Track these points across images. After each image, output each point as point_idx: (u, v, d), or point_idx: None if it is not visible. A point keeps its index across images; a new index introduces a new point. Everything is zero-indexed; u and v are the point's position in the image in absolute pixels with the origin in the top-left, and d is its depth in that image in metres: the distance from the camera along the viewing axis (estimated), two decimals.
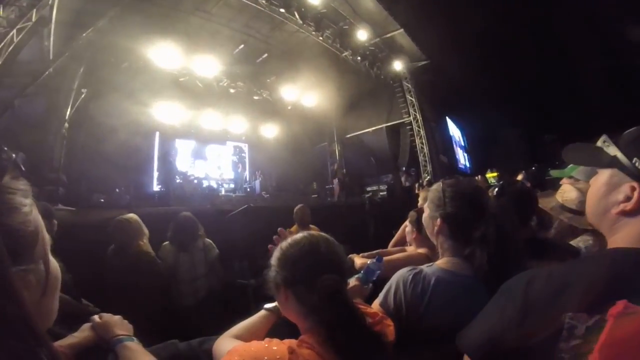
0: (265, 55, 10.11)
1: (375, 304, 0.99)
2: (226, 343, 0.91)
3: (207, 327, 1.28)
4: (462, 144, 16.28)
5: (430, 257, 1.63)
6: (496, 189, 1.52)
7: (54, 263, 0.45)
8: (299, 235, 0.88)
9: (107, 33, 6.87)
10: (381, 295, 0.99)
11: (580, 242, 1.43)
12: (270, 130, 12.68)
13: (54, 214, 2.08)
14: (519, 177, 2.79)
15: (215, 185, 10.07)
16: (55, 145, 6.62)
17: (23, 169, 0.41)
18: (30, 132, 6.30)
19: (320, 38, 9.22)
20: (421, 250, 1.78)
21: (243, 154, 12.22)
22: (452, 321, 0.85)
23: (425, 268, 0.97)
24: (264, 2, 7.73)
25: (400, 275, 0.97)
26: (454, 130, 15.70)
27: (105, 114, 8.15)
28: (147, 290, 2.14)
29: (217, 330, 1.13)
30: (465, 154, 16.46)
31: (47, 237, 0.44)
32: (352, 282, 1.48)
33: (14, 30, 4.88)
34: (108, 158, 7.93)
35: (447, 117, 14.97)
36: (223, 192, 9.96)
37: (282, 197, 9.85)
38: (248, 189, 10.61)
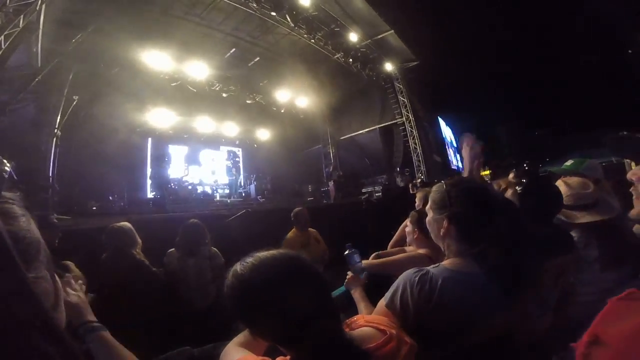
0: (257, 59, 10.12)
1: (381, 305, 0.99)
2: (231, 353, 0.90)
3: (218, 332, 1.29)
4: (454, 144, 16.41)
5: (432, 258, 1.65)
6: (519, 187, 1.52)
7: (54, 278, 0.44)
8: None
9: (96, 39, 6.80)
10: (387, 296, 0.98)
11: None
12: (264, 134, 12.66)
13: (57, 225, 2.06)
14: (510, 177, 2.82)
15: (210, 191, 10.00)
16: (47, 152, 6.53)
17: (16, 178, 0.40)
18: (22, 139, 6.19)
19: (312, 41, 9.25)
20: (422, 251, 1.80)
21: (237, 159, 12.16)
22: (461, 321, 0.88)
23: (432, 269, 0.96)
24: (254, 5, 7.73)
25: (406, 276, 0.96)
26: (446, 130, 15.86)
27: (97, 120, 8.07)
28: (143, 297, 2.13)
29: (227, 335, 1.14)
30: (458, 154, 16.59)
31: (47, 250, 0.43)
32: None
33: (2, 37, 4.80)
34: (100, 165, 7.82)
35: (439, 117, 15.12)
36: (218, 198, 9.90)
37: (277, 200, 9.84)
38: (243, 194, 10.57)
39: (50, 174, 6.33)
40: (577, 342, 0.46)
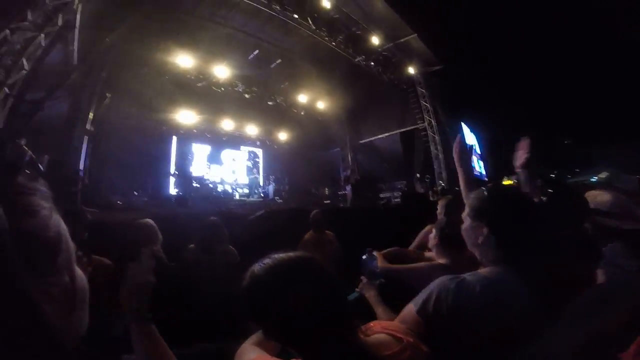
0: (279, 61, 10.25)
1: (410, 311, 0.96)
2: (246, 353, 0.90)
3: (230, 330, 1.30)
4: (477, 150, 15.99)
5: (451, 268, 1.61)
6: (545, 196, 1.48)
7: (80, 276, 0.41)
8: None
9: (127, 39, 7.13)
10: (418, 301, 0.95)
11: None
12: (284, 136, 12.80)
13: (87, 217, 2.15)
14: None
15: (229, 190, 10.20)
16: (79, 147, 6.87)
17: (42, 169, 0.38)
18: (55, 133, 6.53)
19: (333, 43, 9.27)
20: (441, 261, 1.77)
21: (257, 159, 12.36)
22: (498, 328, 0.86)
23: (468, 276, 0.95)
24: (277, 7, 7.84)
25: (441, 283, 0.95)
26: (469, 137, 15.41)
27: (125, 118, 8.45)
28: (159, 293, 2.18)
29: (240, 333, 1.14)
30: (480, 161, 16.16)
31: (71, 246, 0.40)
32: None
33: (42, 35, 5.03)
34: (127, 161, 8.18)
35: (462, 123, 14.73)
36: (237, 197, 10.08)
37: (294, 201, 9.90)
38: (262, 194, 10.70)
39: (80, 168, 6.65)
40: (625, 352, 0.44)
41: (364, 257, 1.71)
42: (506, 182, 9.64)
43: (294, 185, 11.37)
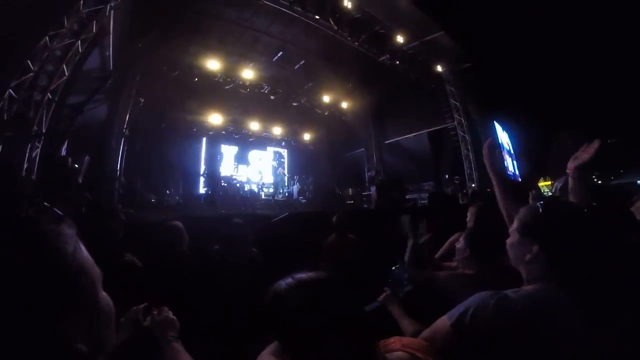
0: (303, 62, 10.30)
1: (444, 324, 0.93)
2: None
3: (253, 334, 1.30)
4: (510, 150, 15.26)
5: (478, 281, 1.54)
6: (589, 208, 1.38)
7: (105, 300, 0.45)
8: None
9: (157, 44, 7.47)
10: (453, 315, 0.92)
11: None
12: (308, 136, 12.87)
13: (122, 218, 2.26)
14: None
15: (256, 189, 10.43)
16: (116, 149, 7.30)
17: (61, 214, 0.41)
18: (95, 136, 6.98)
19: (356, 43, 9.16)
20: (469, 272, 1.69)
21: (282, 159, 12.53)
22: (541, 351, 0.81)
23: (511, 293, 0.90)
24: (298, 9, 7.87)
25: (481, 299, 0.91)
26: (502, 136, 14.71)
27: (158, 120, 8.89)
28: (185, 293, 2.24)
29: (260, 337, 1.14)
30: (514, 161, 15.41)
31: (97, 273, 0.43)
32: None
33: (79, 41, 5.32)
34: (160, 161, 8.61)
35: (494, 122, 14.07)
36: (263, 196, 10.27)
37: (318, 201, 9.93)
38: (286, 194, 10.83)
39: (118, 168, 7.07)
40: None
41: (393, 268, 1.67)
42: (542, 183, 9.09)
43: (318, 186, 11.40)
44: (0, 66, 4.59)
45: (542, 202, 1.01)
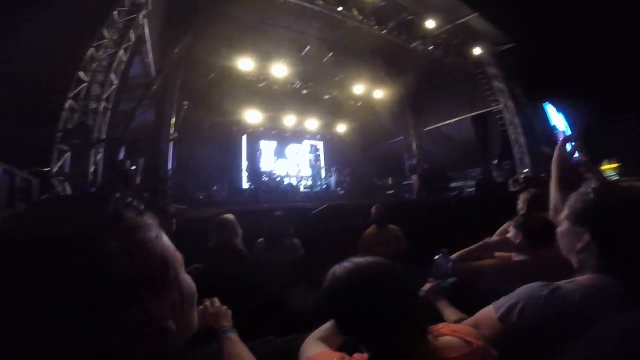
0: (331, 54, 10.19)
1: (490, 316, 0.89)
2: (310, 347, 0.96)
3: (296, 322, 1.35)
4: (567, 131, 13.84)
5: (532, 267, 1.47)
6: None
7: (186, 281, 0.49)
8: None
9: (192, 49, 7.84)
10: (500, 308, 0.88)
11: None
12: (342, 127, 12.80)
13: (172, 213, 2.44)
14: None
15: (294, 183, 10.66)
16: (166, 150, 7.87)
17: (142, 206, 0.45)
18: (145, 140, 7.56)
19: (384, 31, 8.83)
20: (518, 259, 1.60)
21: (318, 152, 12.63)
22: (601, 343, 0.76)
23: (565, 284, 0.85)
24: (321, 2, 7.76)
25: (531, 290, 0.86)
26: (556, 118, 13.40)
27: (201, 121, 9.41)
28: (240, 285, 2.36)
29: (306, 326, 1.18)
30: (571, 143, 13.92)
31: (178, 258, 0.47)
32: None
33: (121, 50, 5.68)
34: (205, 160, 9.16)
35: (546, 103, 12.84)
36: (302, 189, 10.47)
37: (356, 192, 9.88)
38: (324, 186, 10.93)
39: (169, 169, 7.63)
40: None
41: (436, 257, 1.63)
42: (606, 166, 8.18)
43: (355, 177, 11.33)
44: (54, 79, 5.10)
45: (593, 186, 0.91)
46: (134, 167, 5.63)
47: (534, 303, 0.83)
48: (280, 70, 9.72)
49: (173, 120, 7.96)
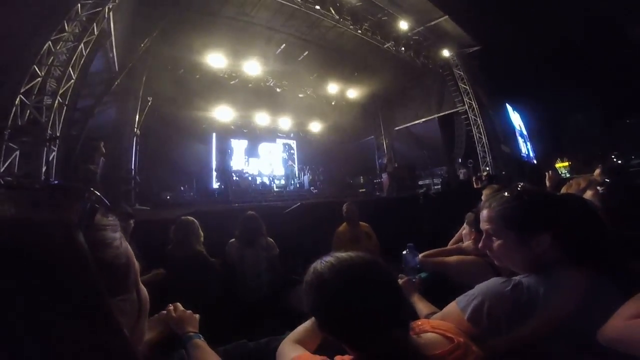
0: (306, 53, 10.18)
1: (458, 317, 0.89)
2: (288, 350, 0.92)
3: (271, 324, 1.34)
4: (523, 132, 14.94)
5: (493, 265, 1.51)
6: (601, 187, 1.35)
7: (143, 289, 0.48)
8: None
9: (160, 43, 7.46)
10: (466, 307, 0.88)
11: None
12: (317, 126, 12.83)
13: (133, 215, 2.32)
14: (596, 173, 2.40)
15: (267, 182, 10.51)
16: (129, 149, 7.42)
17: (109, 204, 0.43)
18: (106, 138, 7.09)
19: (359, 31, 8.99)
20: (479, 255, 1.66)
21: (292, 151, 12.55)
22: (573, 331, 0.79)
23: (524, 279, 0.87)
24: (299, 0, 7.75)
25: (493, 288, 0.87)
26: (515, 118, 14.39)
27: (168, 118, 8.98)
28: (203, 285, 2.30)
29: (280, 327, 1.17)
30: (527, 143, 15.08)
31: (137, 265, 0.46)
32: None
33: (82, 44, 5.32)
34: (172, 159, 8.76)
35: (506, 104, 13.73)
36: (275, 188, 10.36)
37: (329, 191, 9.94)
38: (297, 185, 10.89)
39: (132, 168, 7.21)
40: None
41: (404, 252, 1.67)
42: (559, 164, 8.87)
43: (328, 175, 11.41)
44: (7, 73, 4.66)
45: (515, 194, 0.95)
46: (92, 167, 5.26)
47: (500, 302, 0.84)
48: (253, 67, 9.54)
49: (137, 117, 7.53)
